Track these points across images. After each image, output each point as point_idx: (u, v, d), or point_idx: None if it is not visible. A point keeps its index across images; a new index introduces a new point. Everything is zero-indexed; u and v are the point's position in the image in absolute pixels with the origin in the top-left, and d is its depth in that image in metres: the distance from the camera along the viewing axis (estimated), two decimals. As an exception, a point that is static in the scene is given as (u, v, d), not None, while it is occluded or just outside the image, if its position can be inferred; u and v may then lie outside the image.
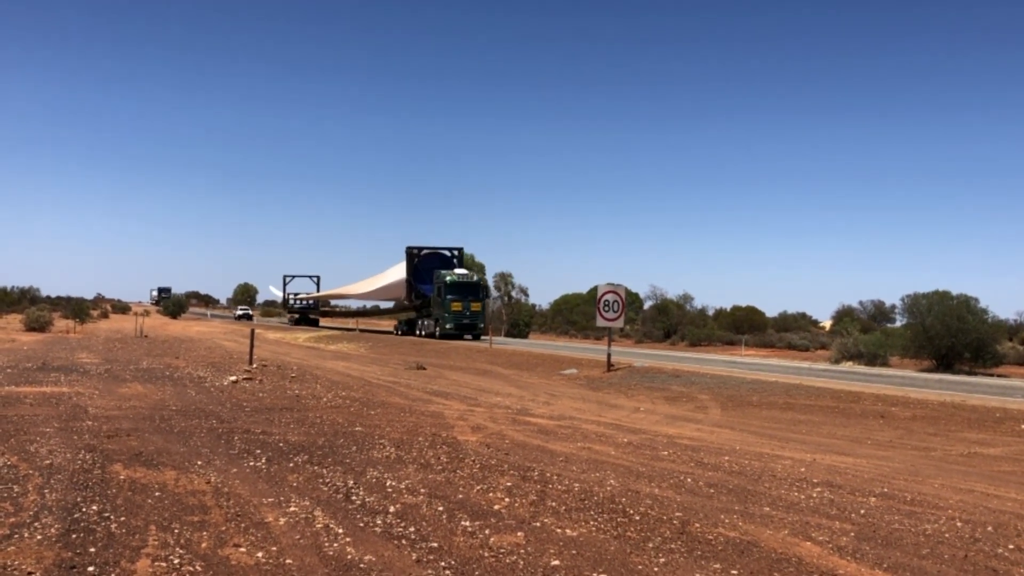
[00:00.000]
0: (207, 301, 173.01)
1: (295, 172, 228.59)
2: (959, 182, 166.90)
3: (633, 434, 13.50)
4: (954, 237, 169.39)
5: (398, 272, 59.20)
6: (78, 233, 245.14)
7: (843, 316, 74.69)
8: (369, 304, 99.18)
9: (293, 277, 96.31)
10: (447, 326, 48.73)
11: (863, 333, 45.99)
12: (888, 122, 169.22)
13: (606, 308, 27.79)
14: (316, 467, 9.66)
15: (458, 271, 51.82)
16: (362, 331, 65.26)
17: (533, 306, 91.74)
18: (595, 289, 29.86)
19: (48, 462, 9.43)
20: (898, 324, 55.54)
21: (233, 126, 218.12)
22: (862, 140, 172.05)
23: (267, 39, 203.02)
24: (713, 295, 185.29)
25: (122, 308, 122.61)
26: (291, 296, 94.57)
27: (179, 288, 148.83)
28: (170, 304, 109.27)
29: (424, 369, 28.07)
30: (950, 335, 35.37)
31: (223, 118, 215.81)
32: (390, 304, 73.25)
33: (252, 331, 29.74)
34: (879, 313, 78.39)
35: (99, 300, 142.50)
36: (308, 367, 26.28)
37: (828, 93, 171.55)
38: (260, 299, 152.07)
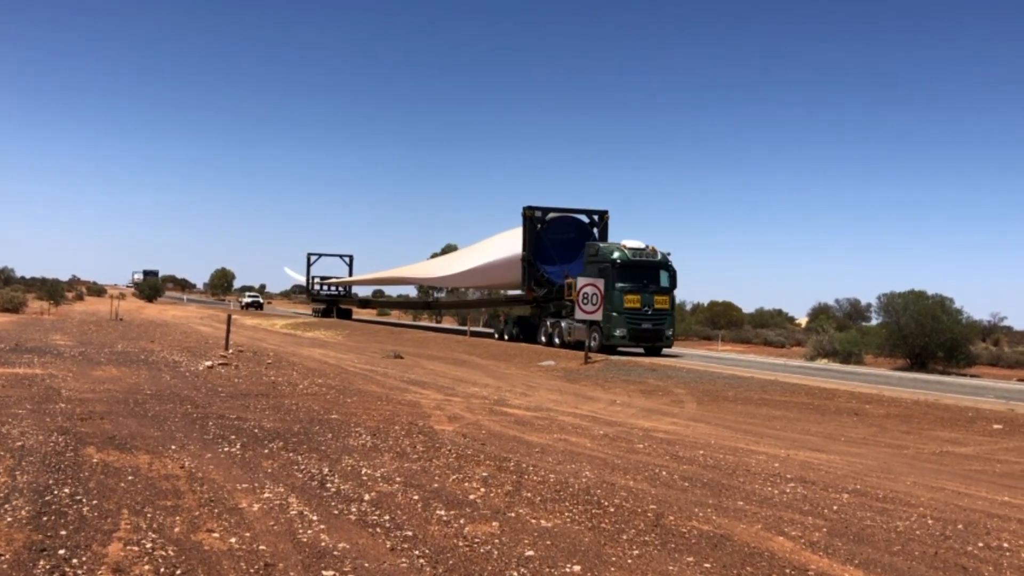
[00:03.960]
0: (183, 285, 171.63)
1: (277, 155, 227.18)
2: (937, 183, 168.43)
3: (609, 426, 13.53)
4: (931, 237, 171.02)
5: (505, 246, 39.62)
6: (54, 214, 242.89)
7: (819, 313, 75.04)
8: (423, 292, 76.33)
9: (319, 256, 75.53)
10: (616, 332, 30.09)
11: (838, 331, 46.28)
12: (867, 121, 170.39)
13: (585, 301, 27.85)
14: (291, 454, 9.62)
15: (631, 244, 31.81)
16: (339, 318, 64.33)
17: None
18: (574, 282, 29.67)
19: (20, 444, 9.34)
20: (873, 323, 56.09)
21: (212, 101, 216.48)
22: (842, 140, 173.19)
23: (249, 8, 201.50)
24: (691, 290, 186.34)
25: (97, 291, 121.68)
26: (316, 280, 75.28)
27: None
28: (146, 288, 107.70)
29: (401, 358, 28.03)
30: (924, 334, 35.71)
31: (203, 93, 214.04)
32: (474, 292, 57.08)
33: (228, 316, 29.58)
34: (855, 311, 78.82)
35: (74, 282, 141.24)
36: (284, 354, 26.16)
37: (808, 90, 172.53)
38: (237, 284, 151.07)
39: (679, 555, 6.35)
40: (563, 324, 33.44)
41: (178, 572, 5.48)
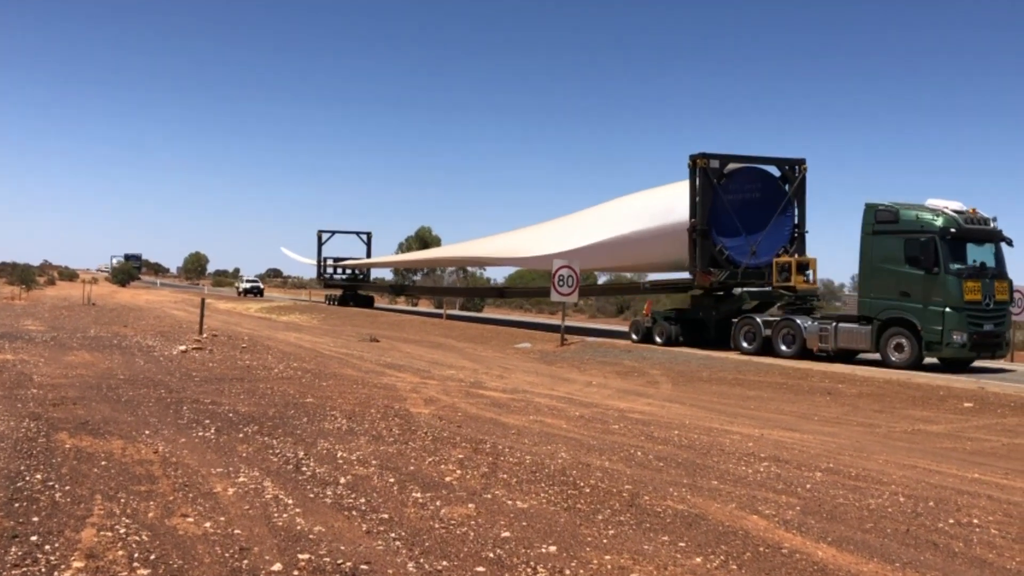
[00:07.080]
0: (156, 270, 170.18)
1: (251, 138, 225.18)
2: (908, 154, 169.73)
3: (585, 408, 13.58)
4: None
5: (648, 211, 28.39)
6: (24, 198, 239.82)
7: (794, 295, 75.53)
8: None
9: (332, 233, 63.01)
10: (953, 338, 19.75)
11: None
12: (841, 88, 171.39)
13: (560, 283, 27.85)
14: (266, 438, 9.58)
15: (953, 205, 20.92)
16: (314, 302, 63.49)
17: (488, 280, 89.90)
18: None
19: (-10, 430, 9.25)
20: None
21: (185, 83, 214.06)
22: (815, 118, 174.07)
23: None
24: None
25: (69, 275, 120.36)
26: (330, 263, 62.82)
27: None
28: (119, 272, 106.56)
29: (377, 341, 27.95)
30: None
31: (176, 74, 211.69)
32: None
33: (202, 300, 29.40)
34: (828, 292, 79.54)
35: (46, 267, 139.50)
36: (259, 338, 26.00)
37: (775, 46, 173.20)
38: (211, 268, 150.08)
39: (654, 534, 6.39)
40: (802, 324, 22.65)
41: (152, 557, 5.44)
